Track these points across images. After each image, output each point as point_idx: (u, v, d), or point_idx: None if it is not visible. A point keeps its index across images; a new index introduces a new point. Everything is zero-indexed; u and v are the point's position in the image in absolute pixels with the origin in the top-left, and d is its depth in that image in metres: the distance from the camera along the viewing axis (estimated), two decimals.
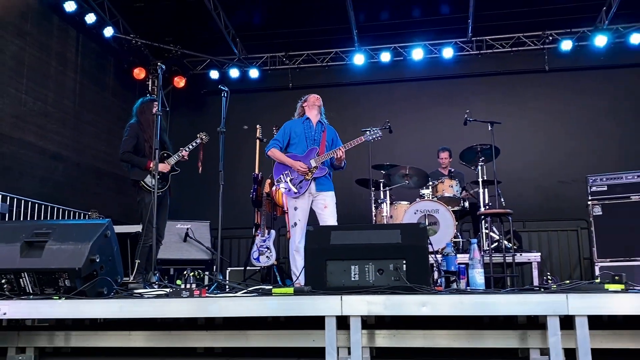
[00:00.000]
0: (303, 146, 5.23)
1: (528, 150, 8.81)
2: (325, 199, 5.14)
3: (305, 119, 5.37)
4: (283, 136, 5.35)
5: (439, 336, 3.19)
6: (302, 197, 5.10)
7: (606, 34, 8.62)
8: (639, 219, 6.15)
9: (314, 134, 5.28)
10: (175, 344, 3.49)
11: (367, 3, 8.49)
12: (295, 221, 5.10)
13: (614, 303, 2.78)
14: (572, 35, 8.92)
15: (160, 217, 5.51)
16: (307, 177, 5.08)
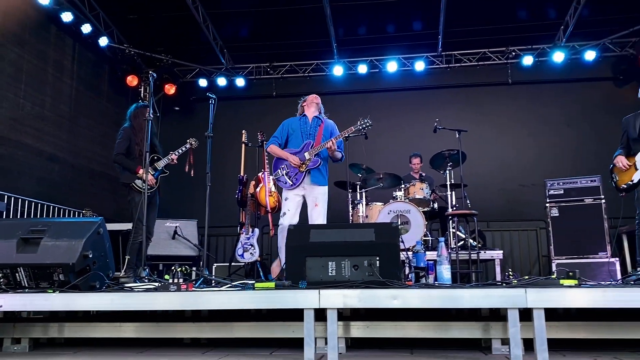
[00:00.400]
0: (299, 141, 5.18)
1: (492, 157, 8.88)
2: (317, 197, 5.08)
3: (302, 116, 5.35)
4: (281, 133, 5.32)
5: (410, 327, 3.22)
6: (296, 189, 5.07)
7: (563, 51, 8.75)
8: (592, 220, 6.25)
9: (309, 128, 5.24)
10: (163, 334, 3.47)
11: (345, 19, 8.50)
12: (284, 211, 5.06)
13: (567, 297, 2.83)
14: (533, 52, 9.03)
15: (150, 215, 5.48)
16: (302, 169, 5.05)
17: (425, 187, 6.90)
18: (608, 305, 2.88)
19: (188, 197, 7.68)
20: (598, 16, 8.27)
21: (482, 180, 8.20)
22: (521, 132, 9.06)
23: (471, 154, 6.89)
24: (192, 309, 3.47)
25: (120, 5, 8.20)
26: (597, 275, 5.88)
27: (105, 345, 3.62)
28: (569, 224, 6.32)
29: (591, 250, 6.14)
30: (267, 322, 3.40)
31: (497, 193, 8.69)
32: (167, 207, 7.25)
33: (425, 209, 6.74)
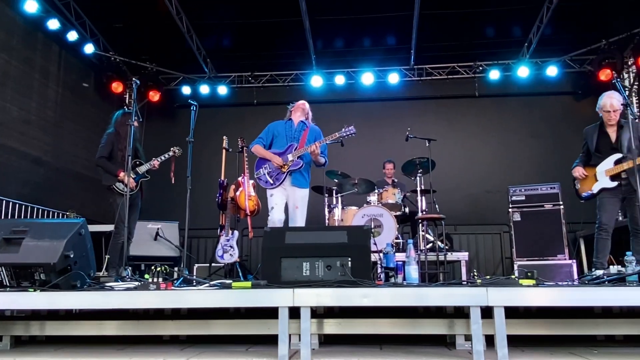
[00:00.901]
0: (283, 144, 5.15)
1: (460, 164, 8.97)
2: (297, 200, 5.04)
3: (288, 120, 5.33)
4: (266, 135, 5.27)
5: (380, 324, 3.24)
6: (278, 189, 5.04)
7: (528, 66, 8.91)
8: (551, 224, 6.34)
9: (294, 132, 5.20)
10: (143, 332, 3.42)
11: (324, 32, 8.55)
12: (272, 205, 5.03)
13: (526, 296, 2.88)
14: (499, 66, 9.17)
15: (131, 217, 5.43)
16: (283, 170, 5.01)
17: (397, 193, 6.95)
18: (563, 304, 2.94)
19: (170, 199, 7.58)
20: (559, 34, 8.47)
21: (450, 187, 8.28)
22: (487, 141, 9.20)
23: (440, 161, 6.96)
24: (171, 307, 3.43)
25: (105, 14, 8.11)
26: (556, 276, 5.98)
27: (86, 342, 3.56)
28: (530, 228, 6.40)
29: (550, 252, 6.23)
30: (244, 319, 3.38)
31: (463, 199, 8.78)
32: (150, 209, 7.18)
33: (397, 213, 6.78)
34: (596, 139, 4.84)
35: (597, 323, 3.19)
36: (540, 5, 7.67)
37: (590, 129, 4.96)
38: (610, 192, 4.70)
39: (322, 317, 3.28)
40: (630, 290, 2.91)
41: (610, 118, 4.72)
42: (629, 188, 4.58)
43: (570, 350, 3.08)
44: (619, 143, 4.71)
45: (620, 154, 4.67)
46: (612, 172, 4.68)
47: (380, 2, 7.75)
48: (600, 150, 4.82)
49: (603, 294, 2.89)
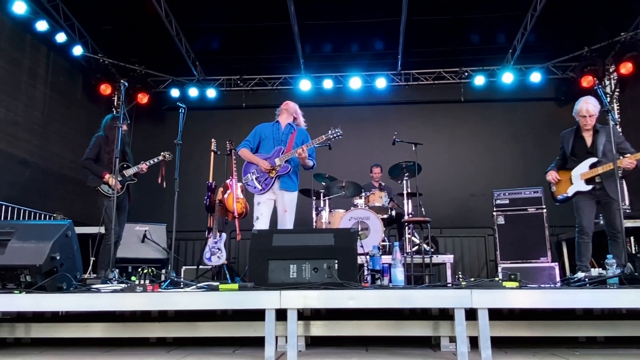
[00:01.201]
0: (270, 147, 5.03)
1: (445, 168, 9.03)
2: (286, 204, 4.95)
3: (275, 122, 5.20)
4: (253, 137, 5.15)
5: (366, 326, 3.24)
6: (266, 194, 4.92)
7: (512, 72, 9.00)
8: (534, 228, 6.41)
9: (281, 135, 5.08)
10: (130, 334, 3.39)
11: (312, 37, 8.55)
12: (257, 215, 4.91)
13: (509, 298, 2.90)
14: (484, 72, 9.25)
15: (119, 219, 5.41)
16: (271, 175, 4.89)
17: (384, 196, 6.96)
18: (546, 306, 2.96)
19: (158, 202, 7.53)
20: (543, 42, 8.57)
21: (435, 190, 8.31)
22: (472, 146, 9.26)
23: (426, 165, 7.00)
24: (158, 309, 3.40)
25: (95, 16, 8.03)
26: (539, 279, 6.03)
27: (72, 344, 3.51)
28: (514, 231, 6.46)
29: (533, 255, 6.29)
30: (231, 321, 3.36)
31: (449, 202, 8.82)
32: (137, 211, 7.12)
33: (384, 216, 6.79)
34: (572, 143, 4.88)
35: (579, 325, 3.22)
36: (524, 12, 7.75)
37: (567, 133, 5.01)
38: (585, 195, 4.74)
39: (308, 319, 3.27)
40: (611, 292, 2.94)
41: (586, 123, 4.76)
42: (603, 192, 4.64)
43: (552, 352, 3.10)
44: (594, 147, 4.75)
45: (595, 158, 4.72)
46: (587, 175, 4.72)
47: (368, 8, 7.78)
48: (576, 154, 4.86)
49: (584, 296, 2.91)
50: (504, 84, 9.11)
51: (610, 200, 4.60)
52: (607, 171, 4.58)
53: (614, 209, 4.56)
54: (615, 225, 4.56)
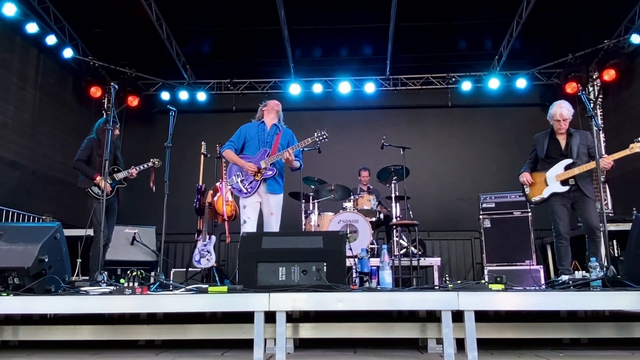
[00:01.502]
0: (255, 148, 4.86)
1: (433, 172, 9.07)
2: (272, 206, 4.79)
3: (260, 123, 5.00)
4: (238, 138, 4.95)
5: (355, 328, 3.23)
6: (252, 197, 4.77)
7: (498, 78, 9.08)
8: (520, 231, 6.46)
9: (267, 136, 4.90)
10: (118, 337, 3.35)
11: (302, 41, 8.56)
12: (244, 219, 4.75)
13: (495, 300, 2.91)
14: (471, 78, 9.33)
15: (108, 222, 5.37)
16: (257, 178, 4.73)
17: (372, 199, 6.98)
18: (530, 308, 2.98)
19: (147, 204, 7.48)
20: (528, 48, 8.65)
21: (423, 194, 8.36)
22: (459, 150, 9.31)
23: (414, 169, 7.03)
24: (147, 312, 3.37)
25: (85, 19, 7.98)
26: (524, 281, 6.07)
27: (60, 347, 3.47)
28: (500, 235, 6.51)
29: (519, 258, 6.33)
30: (220, 324, 3.34)
31: (436, 205, 8.86)
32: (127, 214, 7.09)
33: (372, 219, 6.81)
34: (547, 146, 4.90)
35: (563, 327, 3.25)
36: (510, 20, 7.83)
37: (541, 136, 5.02)
38: (560, 197, 4.75)
39: (297, 322, 3.26)
40: (594, 295, 2.97)
41: (560, 127, 4.81)
42: (577, 193, 4.68)
43: (537, 353, 3.12)
44: (568, 150, 4.79)
45: (570, 160, 4.74)
46: (562, 176, 4.73)
47: (357, 14, 7.80)
48: (550, 157, 4.87)
49: (568, 298, 2.94)
50: (491, 90, 9.19)
51: (586, 198, 4.64)
52: (582, 172, 4.62)
53: (590, 207, 4.61)
54: (592, 222, 4.59)
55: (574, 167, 4.69)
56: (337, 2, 7.47)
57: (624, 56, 7.97)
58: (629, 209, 6.40)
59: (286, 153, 4.71)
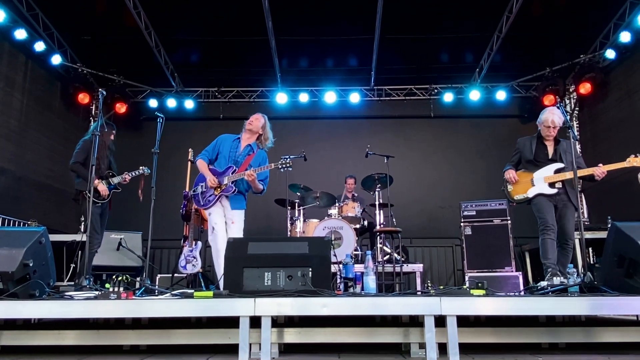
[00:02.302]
0: (225, 163, 4.80)
1: (415, 181, 9.11)
2: (234, 216, 4.72)
3: (237, 139, 4.93)
4: (213, 149, 4.90)
5: (339, 333, 3.20)
6: (216, 207, 4.72)
7: (479, 90, 9.19)
8: (500, 238, 6.50)
9: (238, 155, 4.82)
10: (103, 342, 3.28)
11: (289, 51, 8.58)
12: (212, 225, 4.71)
13: (476, 305, 2.92)
14: (452, 89, 9.42)
15: (101, 227, 5.28)
16: (216, 193, 4.70)
17: (357, 206, 6.99)
18: (510, 313, 2.99)
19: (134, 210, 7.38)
20: (508, 62, 8.78)
21: (406, 201, 8.37)
22: (441, 159, 9.39)
23: (397, 177, 7.05)
24: (131, 316, 3.30)
25: (74, 26, 7.91)
26: (504, 287, 6.10)
27: (44, 352, 3.38)
28: (480, 242, 6.53)
29: (499, 265, 6.37)
30: (205, 329, 3.29)
31: (419, 213, 8.90)
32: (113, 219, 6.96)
33: (357, 226, 6.81)
34: (535, 149, 4.86)
35: (542, 331, 3.26)
36: (491, 34, 7.94)
37: (527, 140, 4.99)
38: (547, 197, 4.72)
39: (282, 327, 3.22)
40: (572, 300, 2.99)
41: (549, 133, 4.78)
42: (562, 197, 4.69)
43: (516, 358, 3.12)
44: (557, 155, 4.80)
45: (562, 164, 4.73)
46: (552, 179, 4.71)
47: (343, 26, 7.85)
48: (537, 160, 4.84)
49: (547, 303, 2.95)
50: (471, 101, 9.29)
51: (569, 205, 4.65)
52: (571, 179, 4.61)
53: (569, 216, 4.64)
54: (567, 232, 4.61)
55: (564, 172, 4.68)
56: (323, 14, 7.52)
57: (599, 70, 8.12)
58: (604, 217, 6.49)
59: (250, 172, 4.60)
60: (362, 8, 7.25)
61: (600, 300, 2.96)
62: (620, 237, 3.53)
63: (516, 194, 4.90)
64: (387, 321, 3.57)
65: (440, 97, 9.45)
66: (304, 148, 6.95)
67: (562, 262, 4.56)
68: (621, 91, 7.81)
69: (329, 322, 3.25)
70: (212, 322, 3.45)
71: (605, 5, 7.34)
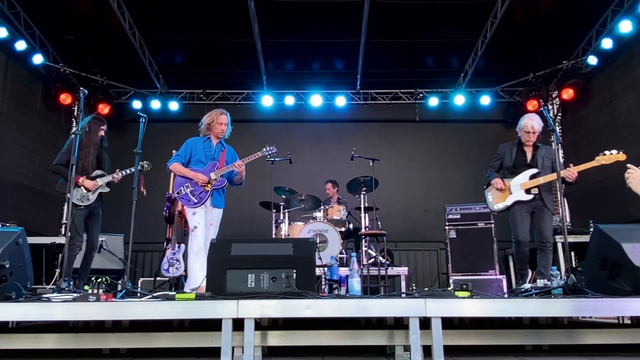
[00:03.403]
0: (202, 162, 4.93)
1: (401, 184, 9.13)
2: (213, 218, 4.88)
3: (207, 139, 5.06)
4: (185, 152, 4.97)
5: (323, 335, 3.17)
6: (199, 207, 4.80)
7: (464, 95, 9.25)
8: (484, 241, 6.55)
9: (213, 152, 4.99)
10: (82, 345, 3.19)
11: (275, 54, 8.54)
12: (195, 224, 4.75)
13: (461, 307, 2.90)
14: (437, 94, 9.47)
15: (93, 227, 5.14)
16: (207, 189, 4.79)
17: (342, 209, 6.98)
18: (495, 314, 2.98)
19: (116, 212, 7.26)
20: (492, 67, 8.86)
21: (391, 205, 8.39)
22: (426, 163, 9.43)
23: (383, 181, 7.05)
24: (111, 319, 3.24)
25: (56, 25, 7.77)
26: (488, 290, 6.14)
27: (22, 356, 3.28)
28: (465, 245, 6.58)
29: (483, 268, 6.41)
30: (187, 332, 3.23)
31: (404, 216, 8.91)
32: None
33: (342, 229, 6.79)
34: (515, 155, 4.98)
35: (525, 334, 3.26)
36: (475, 39, 8.01)
37: (507, 146, 5.11)
38: (523, 205, 4.82)
39: (266, 329, 3.18)
40: (556, 302, 3.00)
41: (529, 139, 4.89)
42: (539, 203, 4.79)
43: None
44: (534, 161, 4.90)
45: (536, 170, 4.85)
46: (527, 185, 4.82)
47: (329, 29, 7.84)
48: (516, 166, 4.96)
49: (532, 305, 2.96)
50: (456, 106, 9.35)
51: (545, 210, 4.78)
52: (546, 182, 4.75)
53: (546, 219, 4.76)
54: (545, 235, 4.74)
55: (538, 177, 4.78)
56: (309, 18, 7.50)
57: (582, 76, 8.24)
58: (587, 221, 6.55)
59: (238, 163, 4.85)
60: (349, 12, 7.26)
61: (584, 302, 2.97)
62: (603, 239, 3.55)
63: (496, 203, 5.02)
64: (372, 324, 3.55)
65: (425, 101, 9.49)
66: (290, 151, 6.96)
67: (543, 264, 4.70)
68: (603, 97, 7.92)
69: (313, 325, 3.22)
70: (195, 325, 3.39)
71: (588, 12, 7.45)
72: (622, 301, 3.00)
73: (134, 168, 5.27)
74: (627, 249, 3.30)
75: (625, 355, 3.23)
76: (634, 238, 3.37)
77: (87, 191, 5.03)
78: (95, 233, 5.23)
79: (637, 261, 3.23)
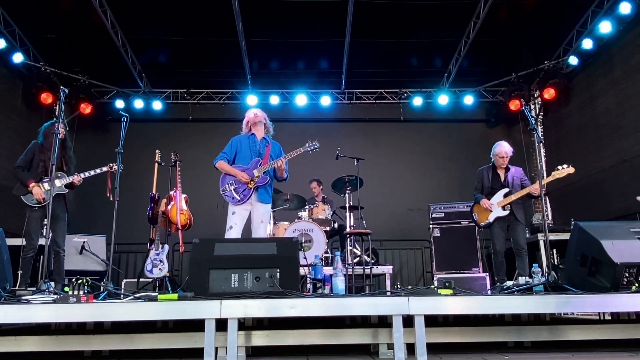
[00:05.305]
0: (247, 159, 4.90)
1: (385, 183, 9.16)
2: (263, 214, 4.85)
3: (251, 135, 5.05)
4: (230, 149, 4.97)
5: (308, 335, 3.17)
6: (241, 206, 4.78)
7: (447, 94, 9.32)
8: (467, 240, 6.60)
9: (258, 148, 4.98)
10: (63, 348, 3.14)
11: (259, 53, 8.52)
12: (231, 224, 4.74)
13: (444, 304, 2.92)
14: (421, 94, 9.53)
15: (56, 229, 5.05)
16: (250, 186, 4.76)
17: (327, 209, 6.97)
18: (478, 311, 3.01)
19: (98, 212, 7.17)
20: (475, 67, 8.93)
21: (376, 204, 8.40)
22: (410, 162, 9.48)
23: (367, 180, 7.06)
24: (93, 321, 3.18)
25: (37, 24, 7.64)
26: (471, 288, 6.16)
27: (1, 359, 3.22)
28: (449, 243, 6.63)
29: (466, 266, 6.47)
30: (170, 332, 3.20)
31: (388, 215, 8.95)
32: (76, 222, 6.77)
33: (327, 228, 6.79)
34: (491, 177, 5.78)
35: (508, 330, 3.29)
36: (458, 39, 8.07)
37: (485, 170, 5.86)
38: (500, 220, 5.59)
39: (250, 329, 3.16)
40: (537, 298, 3.03)
41: (502, 162, 5.71)
42: (512, 217, 5.57)
43: (483, 357, 3.15)
44: (506, 181, 5.70)
45: (507, 189, 5.63)
46: (502, 203, 5.59)
47: (314, 28, 7.84)
48: (493, 187, 5.73)
49: (514, 302, 2.99)
50: (440, 105, 9.41)
51: (517, 222, 5.55)
52: (517, 199, 5.50)
53: (519, 230, 5.55)
54: (520, 243, 5.50)
55: (510, 195, 5.56)
56: (294, 17, 7.48)
57: (563, 76, 8.35)
58: (568, 219, 6.64)
59: (279, 161, 4.86)
60: (333, 11, 7.26)
61: (565, 298, 3.01)
62: (583, 236, 3.61)
63: (481, 221, 5.74)
64: (356, 322, 3.56)
65: (409, 101, 9.54)
66: None
67: (522, 267, 5.43)
68: (583, 96, 8.04)
69: (297, 325, 3.21)
70: (179, 326, 3.36)
71: (569, 13, 7.55)
72: (604, 297, 3.05)
73: (99, 170, 5.29)
74: (607, 245, 3.36)
75: (606, 351, 3.28)
76: (613, 235, 3.43)
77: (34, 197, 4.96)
78: (59, 235, 5.13)
79: (616, 258, 3.28)
